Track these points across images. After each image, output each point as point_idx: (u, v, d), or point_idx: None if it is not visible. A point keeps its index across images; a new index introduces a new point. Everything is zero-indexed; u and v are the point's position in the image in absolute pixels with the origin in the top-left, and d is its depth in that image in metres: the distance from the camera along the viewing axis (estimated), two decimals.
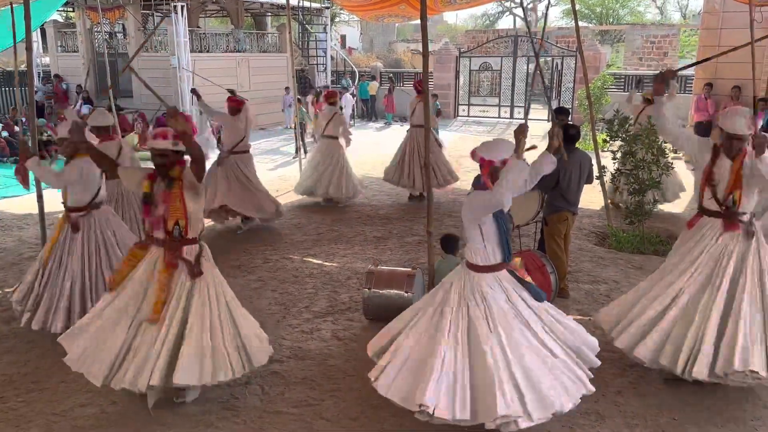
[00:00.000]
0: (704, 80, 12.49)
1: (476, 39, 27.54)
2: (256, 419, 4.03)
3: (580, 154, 5.84)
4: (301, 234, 8.17)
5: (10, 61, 27.73)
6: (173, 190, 3.87)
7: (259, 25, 23.47)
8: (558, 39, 25.89)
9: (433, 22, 38.03)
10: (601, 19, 36.20)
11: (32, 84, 6.59)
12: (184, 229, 3.92)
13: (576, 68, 18.21)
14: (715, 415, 4.08)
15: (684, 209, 9.28)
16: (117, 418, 4.05)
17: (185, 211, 3.89)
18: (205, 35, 18.21)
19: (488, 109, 20.22)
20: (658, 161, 7.22)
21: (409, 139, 9.68)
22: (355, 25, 39.72)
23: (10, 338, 5.20)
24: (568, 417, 3.99)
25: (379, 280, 5.41)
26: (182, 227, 3.91)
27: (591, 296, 6.04)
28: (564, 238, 5.94)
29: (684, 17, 40.22)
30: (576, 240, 7.31)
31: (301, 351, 4.98)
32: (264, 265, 6.96)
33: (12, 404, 4.24)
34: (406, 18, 12.80)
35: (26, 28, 6.22)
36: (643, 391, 4.34)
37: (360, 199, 9.92)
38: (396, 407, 3.91)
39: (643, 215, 7.32)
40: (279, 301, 5.98)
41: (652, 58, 25.75)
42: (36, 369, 4.71)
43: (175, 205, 3.87)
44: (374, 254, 7.32)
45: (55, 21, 19.99)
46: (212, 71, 16.59)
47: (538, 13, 37.62)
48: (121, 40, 19.33)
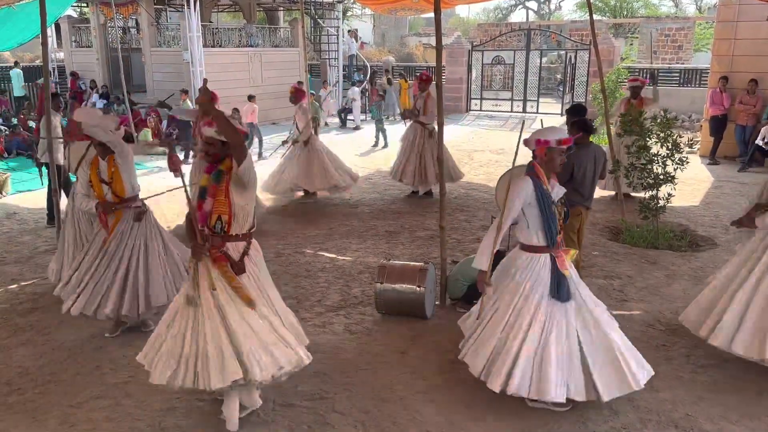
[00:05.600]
0: (720, 74, 12.34)
1: (488, 32, 27.41)
2: (269, 412, 4.05)
3: (594, 147, 5.80)
4: (313, 228, 8.19)
5: (25, 55, 28.03)
6: (221, 184, 3.69)
7: (271, 19, 23.48)
8: (572, 32, 25.72)
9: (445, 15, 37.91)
10: (615, 12, 35.87)
11: (47, 79, 6.64)
12: (226, 225, 3.73)
13: (590, 62, 18.06)
14: (730, 411, 4.05)
15: (699, 203, 9.22)
16: (132, 410, 4.09)
17: (230, 205, 3.70)
18: (218, 30, 18.24)
19: (501, 103, 20.11)
20: (672, 155, 7.15)
21: (416, 136, 9.46)
22: (367, 20, 39.63)
23: (27, 331, 5.27)
24: (581, 411, 3.99)
25: (391, 274, 5.42)
26: (224, 222, 3.73)
27: (605, 291, 6.01)
28: (578, 233, 5.90)
29: (699, 10, 39.77)
30: (589, 235, 7.27)
31: (314, 345, 4.97)
32: (277, 259, 6.98)
33: (29, 396, 4.30)
34: (419, 11, 12.77)
35: (42, 23, 6.28)
36: (656, 386, 4.31)
37: (372, 195, 9.92)
38: (406, 401, 3.92)
39: (657, 210, 7.27)
40: (292, 295, 6.00)
41: (667, 51, 25.50)
42: (51, 361, 4.76)
43: (221, 199, 3.71)
44: (386, 249, 7.32)
45: (70, 16, 20.14)
46: (224, 66, 16.66)
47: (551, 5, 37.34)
48: (135, 35, 19.42)
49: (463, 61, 19.89)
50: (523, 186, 3.92)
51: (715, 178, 10.91)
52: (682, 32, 25.25)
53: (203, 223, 3.78)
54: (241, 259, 3.78)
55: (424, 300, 5.32)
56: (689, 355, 4.77)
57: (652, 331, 5.19)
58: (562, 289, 3.93)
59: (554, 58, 27.12)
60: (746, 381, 4.39)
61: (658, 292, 6.00)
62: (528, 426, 3.90)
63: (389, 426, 3.93)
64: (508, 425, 3.91)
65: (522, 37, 21.23)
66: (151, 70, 17.42)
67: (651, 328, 5.25)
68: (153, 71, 17.42)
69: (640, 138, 7.34)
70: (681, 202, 8.83)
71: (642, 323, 5.34)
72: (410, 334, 5.18)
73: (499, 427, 3.90)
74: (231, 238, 3.78)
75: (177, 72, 16.39)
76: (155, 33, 17.40)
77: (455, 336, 5.09)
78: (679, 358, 4.74)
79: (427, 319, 5.42)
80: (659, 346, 4.93)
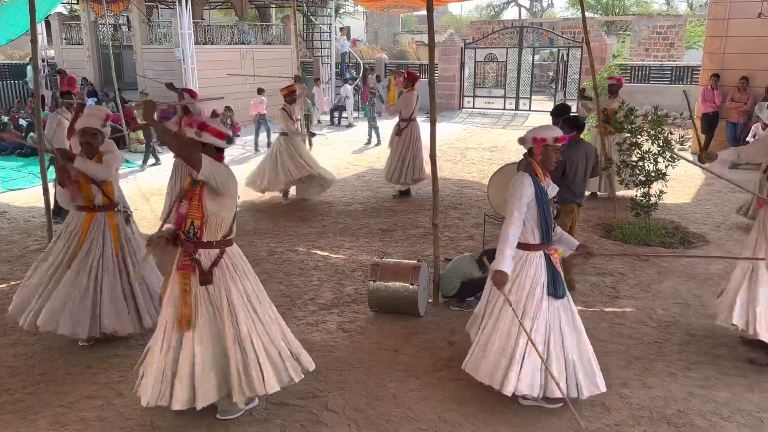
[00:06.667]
0: (711, 71, 12.39)
1: (481, 30, 27.36)
2: (261, 411, 4.04)
3: (585, 145, 5.82)
4: (306, 226, 8.17)
5: (15, 52, 27.82)
6: (197, 187, 3.65)
7: (263, 16, 23.40)
8: (564, 30, 25.74)
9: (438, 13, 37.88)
10: (607, 10, 35.93)
11: (37, 76, 6.59)
12: (199, 230, 3.67)
13: (582, 59, 18.09)
14: (722, 407, 4.07)
15: (690, 200, 9.26)
16: (123, 410, 4.06)
17: (202, 211, 3.64)
18: (210, 27, 18.16)
19: (493, 100, 20.13)
20: (663, 153, 7.17)
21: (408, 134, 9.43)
22: (360, 17, 39.56)
23: (17, 330, 5.22)
24: (574, 408, 3.99)
25: (384, 272, 5.41)
26: (197, 228, 3.67)
27: (597, 288, 6.04)
28: (570, 230, 5.92)
29: (690, 7, 39.90)
30: (582, 232, 7.29)
31: (307, 343, 4.97)
32: (269, 257, 6.96)
33: (19, 396, 4.27)
34: (412, 8, 12.76)
35: (31, 20, 6.22)
36: (649, 383, 4.34)
37: (365, 193, 9.91)
38: (399, 399, 3.92)
39: (649, 207, 7.29)
40: (285, 293, 5.99)
41: (659, 49, 25.58)
42: (42, 361, 4.73)
43: (195, 203, 3.65)
44: (379, 246, 7.31)
45: (60, 13, 19.97)
46: (216, 63, 16.57)
47: (544, 3, 37.38)
48: (126, 33, 19.31)
49: (455, 59, 19.88)
50: (526, 183, 3.92)
51: (706, 175, 10.95)
52: (674, 30, 25.32)
53: (179, 226, 3.74)
54: (210, 270, 3.70)
55: (418, 298, 5.32)
56: (681, 352, 4.79)
57: (644, 328, 5.20)
58: (559, 285, 3.96)
59: (546, 55, 27.17)
60: (737, 377, 4.42)
61: (650, 289, 6.02)
62: (521, 423, 3.91)
63: (382, 424, 3.93)
64: (501, 422, 3.92)
65: (514, 34, 21.20)
66: (143, 68, 17.32)
67: (643, 324, 5.27)
68: (144, 69, 17.32)
69: (631, 135, 7.36)
70: (672, 200, 8.87)
71: (634, 320, 5.36)
72: (403, 332, 5.17)
73: (492, 424, 3.90)
74: (203, 244, 3.71)
75: (169, 69, 16.29)
76: (146, 30, 17.28)
77: (448, 334, 5.11)
78: (671, 354, 4.76)
79: (421, 317, 5.42)
80: (651, 342, 4.95)
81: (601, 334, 5.04)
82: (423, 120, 9.88)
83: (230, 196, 3.71)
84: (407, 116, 9.33)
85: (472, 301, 5.41)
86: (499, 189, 6.30)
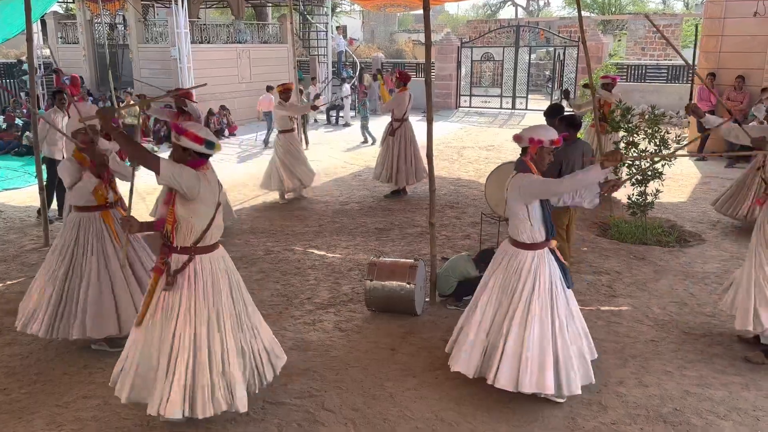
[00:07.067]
0: (707, 70, 12.41)
1: (478, 29, 27.40)
2: (258, 410, 4.04)
3: (582, 143, 5.83)
4: (303, 225, 8.17)
5: (10, 52, 27.73)
6: (172, 191, 3.64)
7: (259, 15, 23.35)
8: (560, 29, 25.76)
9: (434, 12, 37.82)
10: (603, 9, 35.99)
11: (33, 75, 6.57)
12: (170, 235, 3.66)
13: (578, 58, 18.11)
14: (718, 405, 4.08)
15: (686, 199, 9.28)
16: (120, 409, 4.05)
17: (174, 215, 3.62)
18: (206, 26, 18.11)
19: (490, 99, 20.13)
20: (660, 151, 7.18)
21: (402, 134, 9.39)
22: (357, 16, 39.53)
23: (13, 330, 5.20)
24: (570, 407, 4.00)
25: (381, 271, 5.41)
26: (168, 232, 3.66)
27: (593, 287, 6.04)
28: (566, 229, 5.93)
29: (687, 6, 39.97)
30: (578, 231, 7.30)
31: (304, 342, 4.98)
32: (266, 256, 6.96)
33: (15, 396, 4.26)
34: (408, 7, 12.75)
35: (27, 18, 6.21)
36: (645, 382, 4.35)
37: (361, 192, 9.91)
38: (396, 398, 3.91)
39: (645, 206, 7.31)
40: (281, 292, 5.99)
41: (655, 48, 25.64)
42: (38, 361, 4.72)
43: (169, 207, 3.64)
44: (376, 246, 7.31)
45: (55, 12, 19.89)
46: (212, 62, 16.54)
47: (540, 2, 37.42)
48: (122, 32, 19.25)
49: (452, 58, 19.88)
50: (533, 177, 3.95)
51: (702, 174, 10.98)
52: (670, 29, 25.37)
53: (158, 229, 3.73)
54: (174, 275, 3.66)
55: (414, 297, 5.32)
56: (677, 350, 4.80)
57: (641, 327, 5.21)
58: (568, 276, 4.10)
59: (543, 54, 27.20)
60: (733, 375, 4.43)
61: (646, 288, 6.03)
62: (518, 421, 3.92)
63: (379, 423, 3.93)
64: (498, 421, 3.92)
65: (511, 33, 21.23)
66: (139, 67, 17.27)
67: (639, 323, 5.28)
68: (140, 68, 17.27)
69: (628, 134, 7.38)
70: (669, 198, 8.89)
71: (630, 318, 5.37)
72: (400, 331, 5.17)
73: (489, 422, 3.91)
74: (173, 249, 3.68)
75: (165, 69, 16.26)
76: (143, 29, 17.24)
77: (445, 333, 5.10)
78: (668, 353, 4.77)
79: (417, 316, 5.42)
80: (648, 341, 4.96)
81: (597, 332, 5.04)
82: (419, 119, 9.89)
83: (201, 201, 3.59)
84: (400, 116, 9.33)
85: (468, 300, 5.41)
86: (496, 188, 6.31)
